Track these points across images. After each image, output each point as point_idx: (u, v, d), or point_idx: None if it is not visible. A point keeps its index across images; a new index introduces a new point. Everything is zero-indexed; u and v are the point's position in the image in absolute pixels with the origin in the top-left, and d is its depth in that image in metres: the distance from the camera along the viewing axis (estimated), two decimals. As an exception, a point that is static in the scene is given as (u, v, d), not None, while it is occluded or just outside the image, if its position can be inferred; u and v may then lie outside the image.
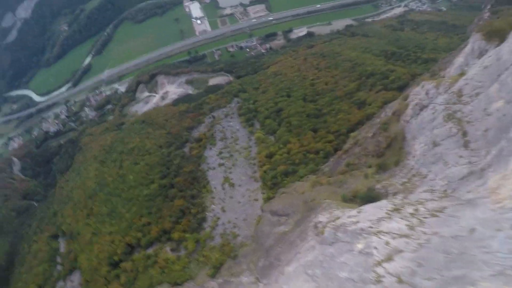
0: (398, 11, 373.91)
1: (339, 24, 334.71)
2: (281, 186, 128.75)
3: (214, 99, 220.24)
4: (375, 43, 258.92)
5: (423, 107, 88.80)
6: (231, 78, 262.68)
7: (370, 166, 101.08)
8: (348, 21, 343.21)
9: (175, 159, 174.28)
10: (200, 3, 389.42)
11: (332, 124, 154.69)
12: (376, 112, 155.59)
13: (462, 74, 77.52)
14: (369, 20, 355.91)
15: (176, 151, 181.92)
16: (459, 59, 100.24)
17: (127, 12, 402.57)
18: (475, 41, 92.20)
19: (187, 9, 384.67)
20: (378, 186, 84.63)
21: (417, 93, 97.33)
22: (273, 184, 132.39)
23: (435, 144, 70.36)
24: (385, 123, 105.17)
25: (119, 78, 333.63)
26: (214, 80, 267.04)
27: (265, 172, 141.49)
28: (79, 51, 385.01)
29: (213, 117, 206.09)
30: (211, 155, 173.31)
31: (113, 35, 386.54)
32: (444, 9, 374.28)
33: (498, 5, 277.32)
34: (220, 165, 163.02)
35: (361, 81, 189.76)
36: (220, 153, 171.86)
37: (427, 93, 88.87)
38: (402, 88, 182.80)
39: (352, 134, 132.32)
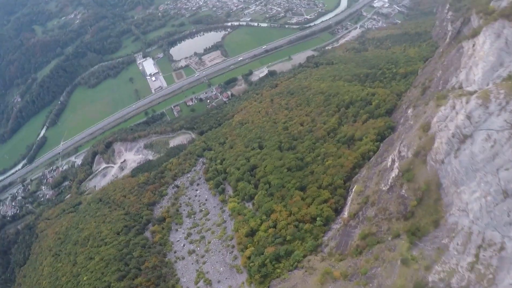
0: (355, 33, 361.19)
1: (300, 57, 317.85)
2: (274, 277, 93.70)
3: (176, 164, 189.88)
4: (343, 68, 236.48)
5: (465, 138, 58.72)
6: (194, 136, 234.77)
7: (398, 235, 69.23)
8: (308, 53, 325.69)
9: (135, 250, 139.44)
10: (153, 59, 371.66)
11: (321, 175, 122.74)
12: (372, 148, 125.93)
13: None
14: (329, 47, 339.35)
15: (136, 237, 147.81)
16: (488, 59, 72.20)
17: (80, 77, 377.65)
18: (501, 31, 64.91)
19: (140, 67, 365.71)
20: (431, 277, 53.03)
21: (446, 117, 67.91)
22: (262, 276, 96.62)
23: (508, 195, 48.50)
24: (407, 170, 73.85)
25: (76, 149, 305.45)
26: (175, 141, 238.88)
27: (248, 258, 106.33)
28: (33, 123, 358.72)
29: (177, 186, 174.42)
30: (178, 238, 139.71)
31: (67, 103, 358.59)
32: (399, 21, 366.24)
33: (458, 2, 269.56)
34: (190, 252, 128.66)
35: (341, 113, 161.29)
36: (189, 235, 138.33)
37: (468, 117, 58.42)
38: (391, 111, 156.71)
39: (355, 188, 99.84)
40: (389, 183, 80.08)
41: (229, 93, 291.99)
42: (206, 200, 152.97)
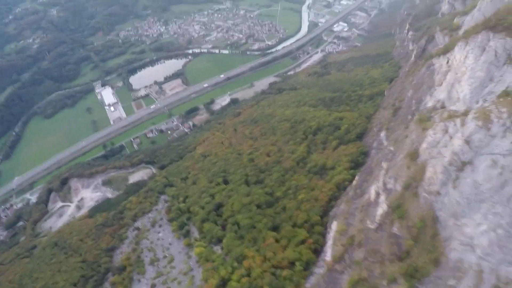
0: (316, 57, 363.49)
1: (262, 83, 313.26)
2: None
3: (136, 202, 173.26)
4: (307, 93, 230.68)
5: (463, 165, 50.22)
6: (154, 170, 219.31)
7: (394, 279, 59.46)
8: (271, 79, 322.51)
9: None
10: (112, 87, 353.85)
11: (295, 211, 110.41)
12: (347, 178, 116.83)
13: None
14: (291, 72, 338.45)
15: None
16: (476, 74, 65.62)
17: (36, 107, 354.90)
18: (490, 43, 58.32)
19: (99, 96, 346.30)
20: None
21: (437, 143, 59.94)
22: None
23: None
24: (397, 205, 64.63)
25: (31, 185, 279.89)
26: (135, 176, 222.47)
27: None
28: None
29: (137, 229, 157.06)
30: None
31: (22, 134, 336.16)
32: (358, 44, 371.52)
33: (416, 22, 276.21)
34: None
35: (309, 141, 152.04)
36: (153, 286, 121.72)
37: (467, 141, 50.17)
38: (361, 136, 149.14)
39: (337, 227, 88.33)
40: (377, 221, 70.28)
41: (190, 123, 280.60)
42: (170, 244, 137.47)
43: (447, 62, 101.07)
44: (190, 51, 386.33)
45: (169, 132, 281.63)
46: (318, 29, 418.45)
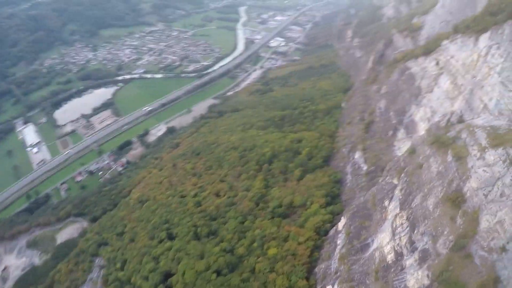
0: (256, 74, 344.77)
1: (201, 107, 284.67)
2: None
3: (66, 271, 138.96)
4: (252, 114, 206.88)
5: None
6: (85, 224, 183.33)
7: None
8: (209, 102, 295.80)
9: None
10: (35, 124, 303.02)
11: (269, 274, 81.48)
12: (327, 218, 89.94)
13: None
14: (231, 93, 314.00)
15: None
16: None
17: None
18: None
19: (21, 136, 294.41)
20: None
21: (496, 179, 35.86)
22: None
23: None
24: (448, 278, 39.48)
25: None
26: (63, 234, 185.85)
27: None
28: None
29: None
30: None
31: None
32: (298, 58, 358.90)
33: (360, 29, 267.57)
34: None
35: (265, 172, 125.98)
36: None
37: None
38: (327, 159, 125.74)
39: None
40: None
41: (124, 160, 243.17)
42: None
43: (437, 63, 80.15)
44: (121, 78, 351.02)
45: (100, 173, 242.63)
46: (255, 45, 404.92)
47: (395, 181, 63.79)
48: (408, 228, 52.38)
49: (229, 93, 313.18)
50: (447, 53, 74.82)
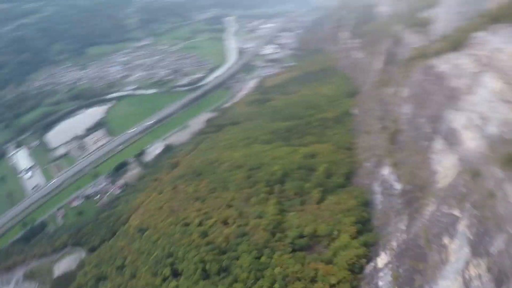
0: (252, 83, 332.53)
1: (198, 121, 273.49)
2: None
3: None
4: (254, 127, 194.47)
5: None
6: (83, 255, 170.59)
7: None
8: (206, 115, 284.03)
9: None
10: (28, 148, 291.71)
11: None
12: (361, 252, 76.15)
13: None
14: (228, 104, 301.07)
15: None
16: None
17: None
18: None
19: (13, 161, 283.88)
20: None
21: None
22: None
23: None
24: None
25: None
26: (61, 265, 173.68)
27: None
28: None
29: None
30: None
31: None
32: (293, 64, 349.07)
33: (357, 30, 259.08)
34: None
35: (278, 194, 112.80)
36: None
37: None
38: (349, 176, 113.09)
39: None
40: None
41: (121, 182, 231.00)
42: None
43: (475, 59, 68.35)
44: (113, 95, 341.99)
45: (97, 197, 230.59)
46: (247, 54, 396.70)
47: (456, 213, 51.00)
48: (493, 285, 39.48)
49: (225, 105, 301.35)
50: (488, 46, 63.12)
